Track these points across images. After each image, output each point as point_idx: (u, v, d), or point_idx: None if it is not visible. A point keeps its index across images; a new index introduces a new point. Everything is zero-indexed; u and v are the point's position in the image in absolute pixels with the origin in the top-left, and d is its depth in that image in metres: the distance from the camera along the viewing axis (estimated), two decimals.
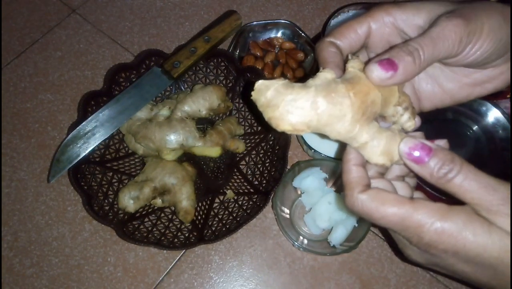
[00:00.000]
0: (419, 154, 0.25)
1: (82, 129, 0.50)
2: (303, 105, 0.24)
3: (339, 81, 0.25)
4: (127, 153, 0.56)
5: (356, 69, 0.26)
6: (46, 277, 0.51)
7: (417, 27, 0.28)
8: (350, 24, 0.29)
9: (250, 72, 0.54)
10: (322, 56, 0.29)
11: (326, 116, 0.24)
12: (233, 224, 0.49)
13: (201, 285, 0.51)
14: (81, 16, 0.68)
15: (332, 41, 0.29)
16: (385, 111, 0.27)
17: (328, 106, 0.24)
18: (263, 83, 0.25)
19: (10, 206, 0.54)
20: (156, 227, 0.50)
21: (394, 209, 0.25)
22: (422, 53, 0.26)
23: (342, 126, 0.25)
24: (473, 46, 0.27)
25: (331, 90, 0.24)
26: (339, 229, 0.48)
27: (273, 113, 0.25)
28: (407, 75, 0.26)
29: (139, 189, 0.49)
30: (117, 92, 0.54)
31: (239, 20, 0.57)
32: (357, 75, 0.26)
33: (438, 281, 0.51)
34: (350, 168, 0.27)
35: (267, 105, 0.25)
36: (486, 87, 0.31)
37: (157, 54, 0.55)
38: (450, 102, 0.33)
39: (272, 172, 0.52)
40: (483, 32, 0.26)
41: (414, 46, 0.26)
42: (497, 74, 0.30)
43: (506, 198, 0.23)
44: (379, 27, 0.29)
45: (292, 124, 0.25)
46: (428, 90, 0.33)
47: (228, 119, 0.55)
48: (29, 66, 0.64)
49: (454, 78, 0.31)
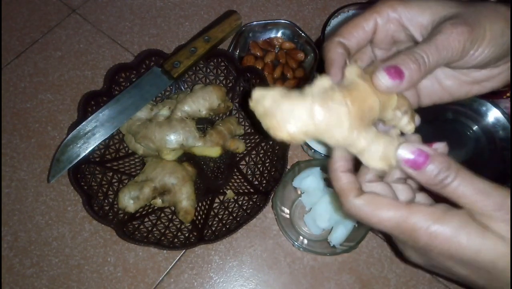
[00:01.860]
0: (416, 160, 0.25)
1: (82, 129, 0.50)
2: (300, 114, 0.24)
3: (336, 89, 0.25)
4: (127, 153, 0.56)
5: (354, 76, 0.26)
6: (46, 277, 0.51)
7: (420, 26, 0.29)
8: (358, 21, 0.29)
9: (250, 72, 0.54)
10: (329, 58, 0.29)
11: (324, 124, 0.24)
12: (233, 224, 0.49)
13: (201, 285, 0.51)
14: (81, 16, 0.68)
15: (341, 41, 0.29)
16: (384, 115, 0.27)
17: (325, 115, 0.24)
18: (260, 92, 0.25)
19: (10, 206, 0.54)
20: (156, 227, 0.50)
21: (389, 213, 0.25)
22: (427, 61, 0.26)
23: (340, 134, 0.25)
24: (474, 52, 0.27)
25: (328, 98, 0.24)
26: (339, 229, 0.48)
27: (271, 122, 0.25)
28: (412, 83, 0.26)
29: (139, 189, 0.49)
30: (117, 92, 0.54)
31: (239, 20, 0.57)
32: (354, 81, 0.26)
33: (438, 281, 0.51)
34: (339, 175, 0.27)
35: (265, 115, 0.25)
36: (484, 85, 0.31)
37: (157, 54, 0.55)
38: (449, 99, 0.33)
39: (272, 172, 0.52)
40: (485, 39, 0.27)
41: (420, 54, 0.26)
42: (496, 73, 0.30)
43: (500, 203, 0.23)
44: (385, 23, 0.29)
45: (290, 133, 0.25)
46: (428, 86, 0.33)
47: (228, 119, 0.55)
48: (29, 66, 0.64)
49: (453, 76, 0.32)
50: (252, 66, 0.56)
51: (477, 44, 0.26)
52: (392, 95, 0.27)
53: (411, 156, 0.25)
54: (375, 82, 0.26)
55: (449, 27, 0.26)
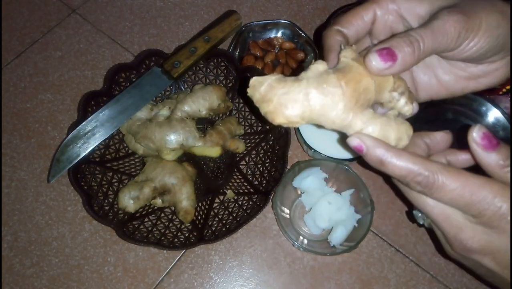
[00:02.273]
0: (488, 143, 0.26)
1: (82, 129, 0.50)
2: (296, 98, 0.25)
3: (331, 72, 0.26)
4: (127, 153, 0.56)
5: (349, 59, 0.27)
6: (46, 277, 0.50)
7: (418, 17, 0.29)
8: (357, 11, 0.30)
9: (250, 72, 0.54)
10: (328, 44, 0.29)
11: (319, 107, 0.25)
12: (233, 224, 0.49)
13: (201, 285, 0.51)
14: (81, 16, 0.68)
15: (339, 30, 0.30)
16: (381, 97, 0.28)
17: (320, 97, 0.25)
18: (256, 79, 0.26)
19: (10, 206, 0.54)
20: (156, 227, 0.50)
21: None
22: (422, 44, 0.26)
23: (336, 116, 0.25)
24: (469, 42, 0.27)
25: (322, 81, 0.25)
26: (339, 229, 0.48)
27: (268, 107, 0.26)
28: (405, 66, 0.26)
29: (139, 189, 0.49)
30: (117, 92, 0.54)
31: (239, 20, 0.57)
32: (349, 64, 0.26)
33: (438, 281, 0.51)
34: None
35: (262, 100, 0.26)
36: (481, 81, 0.32)
37: (157, 54, 0.55)
38: (446, 94, 0.33)
39: (272, 172, 0.52)
40: (480, 29, 0.27)
41: (415, 37, 0.26)
42: (492, 70, 0.31)
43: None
44: (384, 14, 0.30)
45: (286, 117, 0.25)
46: (425, 81, 0.33)
47: (228, 119, 0.55)
48: (29, 66, 0.64)
49: (451, 71, 0.32)
50: (252, 66, 0.56)
51: (472, 33, 0.27)
52: (388, 76, 0.27)
53: (485, 138, 0.26)
54: (366, 64, 0.26)
55: (445, 14, 0.27)
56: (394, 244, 0.53)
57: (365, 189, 0.49)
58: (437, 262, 0.52)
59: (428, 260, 0.52)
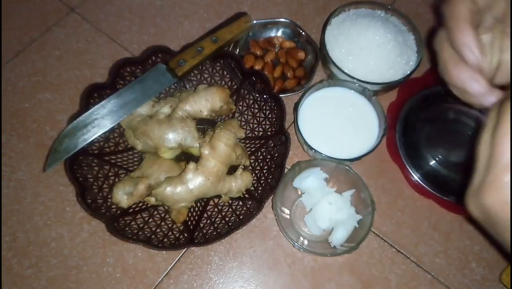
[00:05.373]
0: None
1: (82, 120, 0.49)
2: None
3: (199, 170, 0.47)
4: (126, 147, 0.55)
5: (206, 152, 0.47)
6: (45, 277, 0.50)
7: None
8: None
9: (256, 76, 0.54)
10: (456, 12, 0.26)
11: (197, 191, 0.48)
12: (224, 228, 0.48)
13: (201, 286, 0.50)
14: (80, 15, 0.67)
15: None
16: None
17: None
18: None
19: (9, 206, 0.54)
20: (147, 225, 0.49)
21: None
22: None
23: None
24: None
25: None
26: (339, 230, 0.48)
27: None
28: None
29: (133, 185, 0.49)
30: (121, 86, 0.53)
31: (249, 23, 0.56)
32: (205, 158, 0.48)
33: (440, 282, 0.51)
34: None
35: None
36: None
37: (164, 51, 0.54)
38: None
39: (269, 179, 0.51)
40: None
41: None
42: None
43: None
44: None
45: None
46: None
47: (229, 121, 0.55)
48: (28, 65, 0.63)
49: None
50: (258, 71, 0.55)
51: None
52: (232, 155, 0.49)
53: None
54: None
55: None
56: (395, 245, 0.53)
57: (366, 189, 0.49)
58: (438, 262, 0.52)
59: (429, 260, 0.52)
